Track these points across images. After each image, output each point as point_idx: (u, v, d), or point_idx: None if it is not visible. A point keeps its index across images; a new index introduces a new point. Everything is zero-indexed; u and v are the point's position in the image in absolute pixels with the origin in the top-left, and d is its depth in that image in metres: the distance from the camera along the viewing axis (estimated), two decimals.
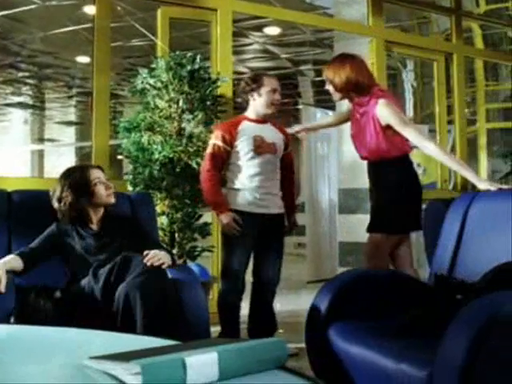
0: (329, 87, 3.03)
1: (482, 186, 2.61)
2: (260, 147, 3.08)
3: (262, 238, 3.11)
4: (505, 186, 2.62)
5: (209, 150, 3.10)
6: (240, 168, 3.09)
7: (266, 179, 3.11)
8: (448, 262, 2.37)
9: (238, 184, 3.10)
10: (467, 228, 2.39)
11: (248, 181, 3.08)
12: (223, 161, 3.11)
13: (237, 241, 3.04)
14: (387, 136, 2.90)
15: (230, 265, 3.07)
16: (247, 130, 3.10)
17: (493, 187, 2.54)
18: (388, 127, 2.88)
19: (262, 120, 3.16)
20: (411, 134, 2.86)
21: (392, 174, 2.95)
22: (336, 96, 3.05)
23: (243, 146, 3.06)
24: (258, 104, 3.12)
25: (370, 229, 3.01)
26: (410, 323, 1.95)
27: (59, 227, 2.48)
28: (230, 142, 3.07)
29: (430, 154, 2.87)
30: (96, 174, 2.53)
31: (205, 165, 3.11)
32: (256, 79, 3.15)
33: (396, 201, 2.93)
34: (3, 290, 2.10)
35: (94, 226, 2.51)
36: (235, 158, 3.09)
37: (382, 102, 2.88)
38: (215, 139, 3.09)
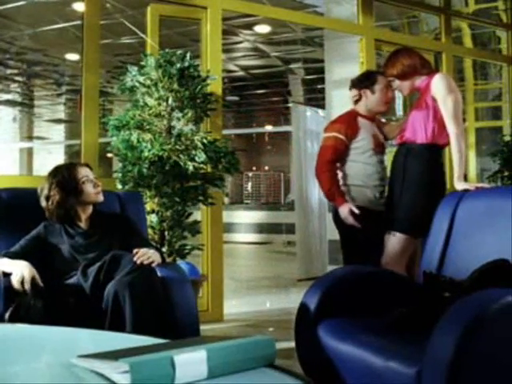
0: (395, 84, 3.03)
1: (459, 186, 2.67)
2: (377, 146, 3.11)
3: (378, 235, 3.04)
4: (480, 184, 2.64)
5: (329, 142, 3.07)
6: (359, 165, 3.09)
7: (382, 178, 3.14)
8: (437, 260, 2.38)
9: (358, 181, 3.09)
10: (456, 226, 2.40)
11: (368, 179, 3.09)
12: (342, 155, 3.09)
13: (358, 235, 3.00)
14: (433, 112, 2.85)
15: (351, 258, 3.06)
16: (366, 128, 3.10)
17: (469, 186, 2.60)
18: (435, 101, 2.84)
19: (371, 117, 3.16)
20: (448, 109, 2.81)
21: (421, 167, 2.89)
22: (405, 88, 3.02)
23: (364, 144, 3.08)
24: (370, 101, 3.12)
25: (396, 228, 2.90)
26: (398, 321, 1.96)
27: (47, 226, 2.46)
28: (350, 136, 3.06)
29: (450, 137, 2.83)
30: (84, 172, 2.51)
31: (324, 156, 3.08)
32: (369, 76, 3.15)
33: (427, 200, 2.82)
34: None
35: (83, 225, 2.49)
36: (354, 154, 3.09)
37: (440, 74, 2.94)
38: (336, 132, 3.06)
